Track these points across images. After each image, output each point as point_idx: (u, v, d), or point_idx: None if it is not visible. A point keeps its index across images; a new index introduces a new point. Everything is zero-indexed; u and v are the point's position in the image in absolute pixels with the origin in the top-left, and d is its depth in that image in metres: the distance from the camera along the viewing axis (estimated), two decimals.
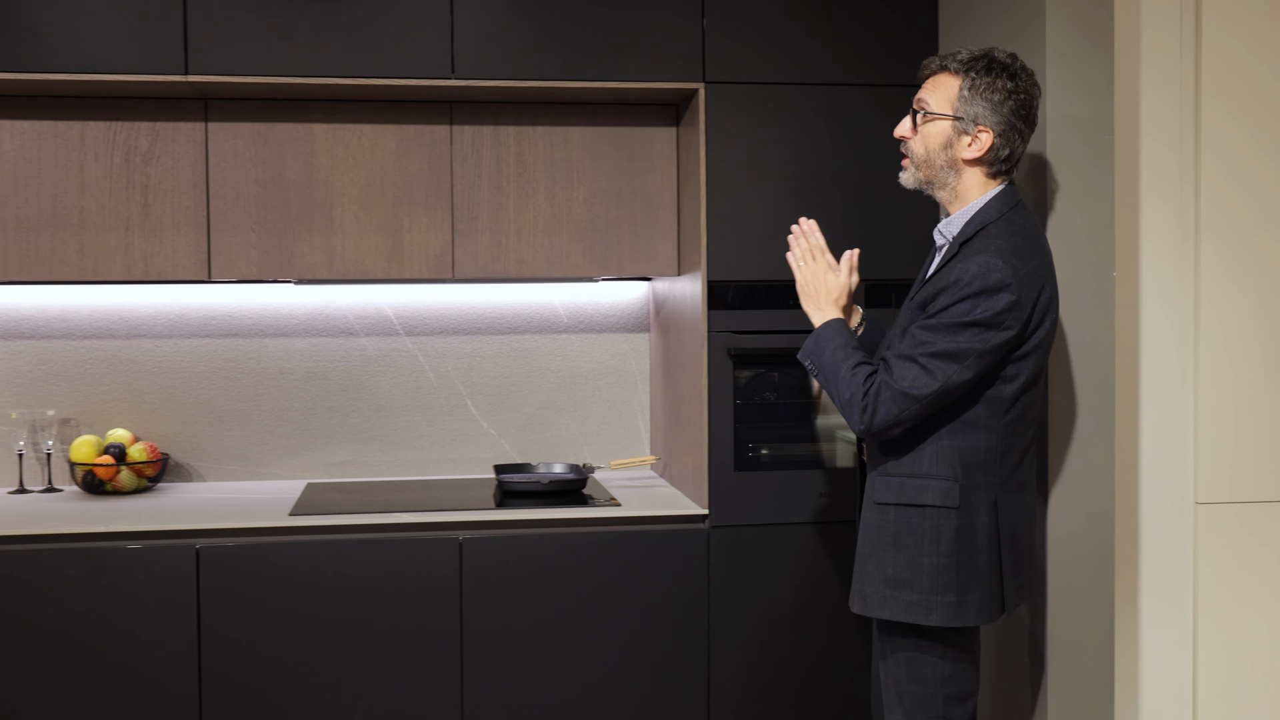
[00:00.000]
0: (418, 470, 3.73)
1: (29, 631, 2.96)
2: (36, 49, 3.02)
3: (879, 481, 2.46)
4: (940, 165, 2.46)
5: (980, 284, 2.30)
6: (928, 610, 2.39)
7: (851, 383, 2.39)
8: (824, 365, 2.46)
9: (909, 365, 2.34)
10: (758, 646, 3.22)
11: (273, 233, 3.30)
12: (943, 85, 2.45)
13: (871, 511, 2.47)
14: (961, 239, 2.42)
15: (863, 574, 2.48)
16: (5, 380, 3.56)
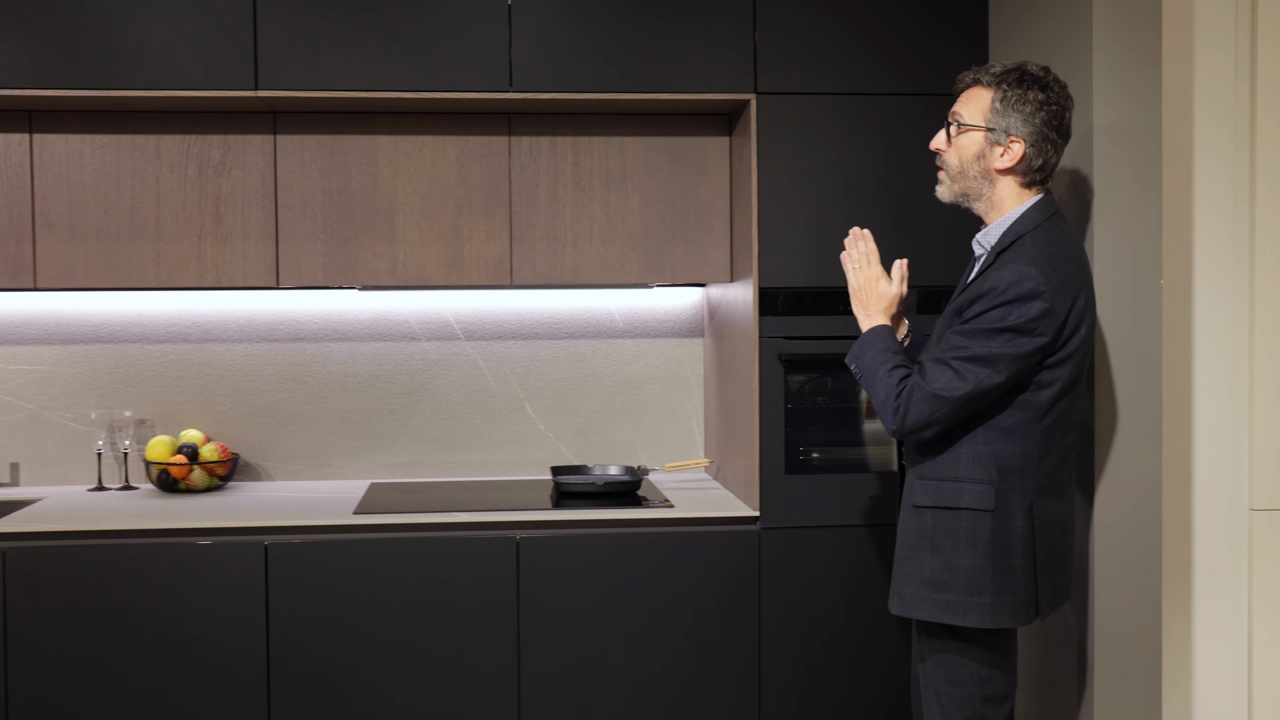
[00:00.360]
0: (477, 471, 3.83)
1: (106, 623, 3.09)
2: (116, 68, 3.15)
3: (916, 485, 2.52)
4: (974, 176, 2.52)
5: (1014, 292, 2.36)
6: (964, 612, 2.45)
7: (887, 384, 2.46)
8: (865, 367, 2.54)
9: (941, 368, 2.40)
10: (808, 646, 3.28)
11: (338, 241, 3.41)
12: (976, 98, 2.51)
13: (909, 514, 2.53)
14: (998, 249, 2.47)
15: (901, 575, 2.54)
16: (85, 382, 3.71)
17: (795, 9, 3.25)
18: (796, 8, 3.25)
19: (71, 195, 3.35)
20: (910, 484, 2.55)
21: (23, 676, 3.07)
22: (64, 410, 3.71)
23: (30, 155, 3.34)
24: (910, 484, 2.55)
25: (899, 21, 3.28)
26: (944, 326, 2.53)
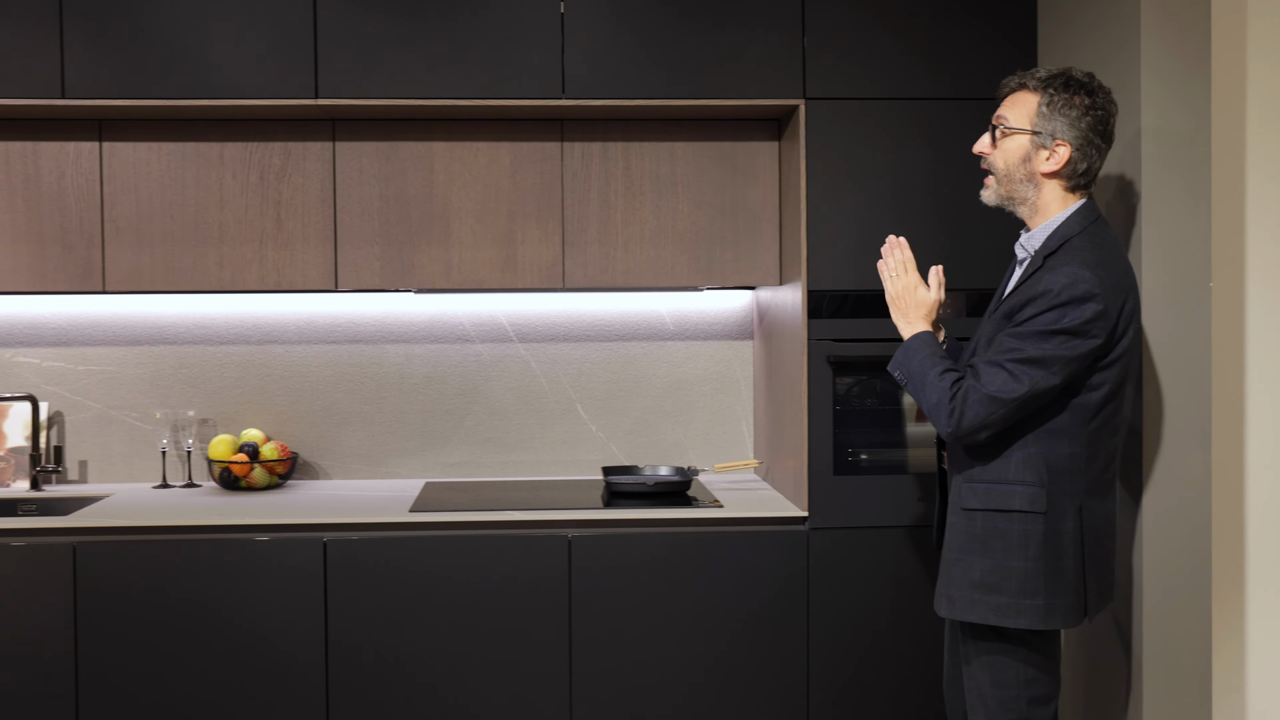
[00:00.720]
0: (530, 471, 3.90)
1: (171, 615, 3.18)
2: (183, 78, 3.25)
3: (965, 488, 2.55)
4: (1020, 179, 2.55)
5: (1068, 294, 2.39)
6: (1016, 613, 2.47)
7: (939, 387, 2.48)
8: (912, 373, 2.57)
9: (996, 370, 2.43)
10: (855, 645, 3.31)
11: (394, 245, 3.49)
12: (1022, 102, 2.54)
13: (958, 517, 2.56)
14: (1045, 252, 2.50)
15: (950, 578, 2.56)
16: (150, 383, 3.82)
17: (844, 15, 3.29)
18: (845, 14, 3.29)
19: (139, 201, 3.45)
20: (958, 487, 2.57)
21: (93, 665, 3.17)
22: (130, 410, 3.82)
23: (100, 163, 3.44)
24: (958, 487, 2.57)
25: (946, 27, 3.31)
26: (993, 330, 2.55)
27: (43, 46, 3.23)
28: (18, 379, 3.79)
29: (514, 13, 3.29)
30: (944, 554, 2.60)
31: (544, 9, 3.29)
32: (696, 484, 3.72)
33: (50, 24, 3.23)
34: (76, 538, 3.18)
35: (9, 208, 3.43)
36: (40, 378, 3.79)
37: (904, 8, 3.30)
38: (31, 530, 3.18)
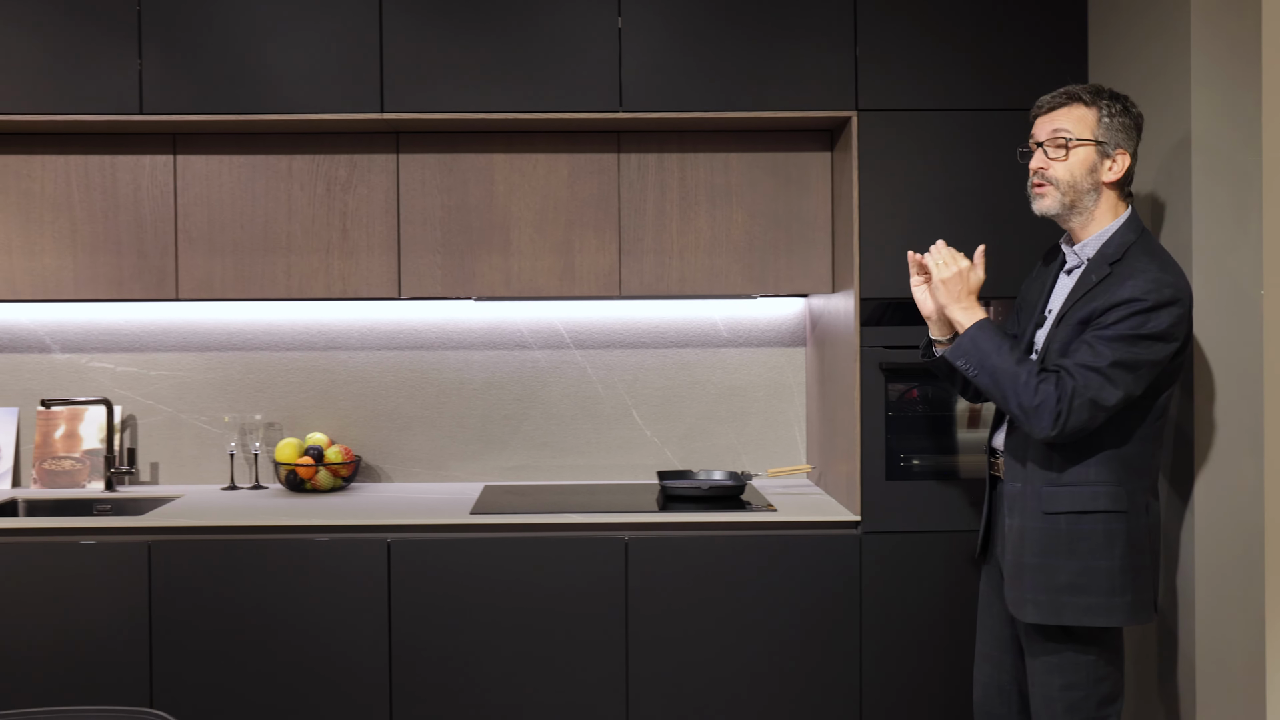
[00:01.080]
0: (586, 475, 3.98)
1: (240, 612, 3.29)
2: (254, 94, 3.37)
3: (1046, 492, 2.58)
4: (1085, 189, 2.62)
5: (1155, 298, 2.46)
6: (1107, 613, 2.54)
7: (1040, 390, 2.49)
8: (991, 368, 2.57)
9: (1093, 375, 2.47)
10: (908, 647, 3.36)
11: (456, 254, 3.59)
12: (1079, 115, 2.62)
13: (1038, 522, 2.58)
14: (1110, 259, 2.56)
15: (1032, 583, 2.59)
16: (218, 387, 3.94)
17: (895, 28, 3.35)
18: (896, 27, 3.35)
19: (211, 212, 3.58)
20: (1037, 492, 2.60)
21: (166, 660, 3.28)
22: (199, 414, 3.94)
23: (174, 175, 3.57)
24: (1037, 492, 2.60)
25: (995, 39, 3.36)
26: (1068, 335, 2.58)
27: (123, 66, 3.36)
28: (93, 383, 3.92)
29: (573, 28, 3.37)
30: (1019, 559, 2.62)
31: (602, 24, 3.37)
32: (750, 488, 3.78)
33: (130, 44, 3.35)
34: (151, 537, 3.29)
35: (88, 219, 3.56)
36: (115, 382, 3.93)
37: (954, 20, 3.35)
38: (109, 529, 3.30)
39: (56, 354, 3.92)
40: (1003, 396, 2.56)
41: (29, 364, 3.92)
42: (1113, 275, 2.54)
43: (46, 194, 3.57)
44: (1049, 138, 2.65)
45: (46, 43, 3.35)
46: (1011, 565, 2.65)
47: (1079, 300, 2.58)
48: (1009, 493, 2.67)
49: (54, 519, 3.40)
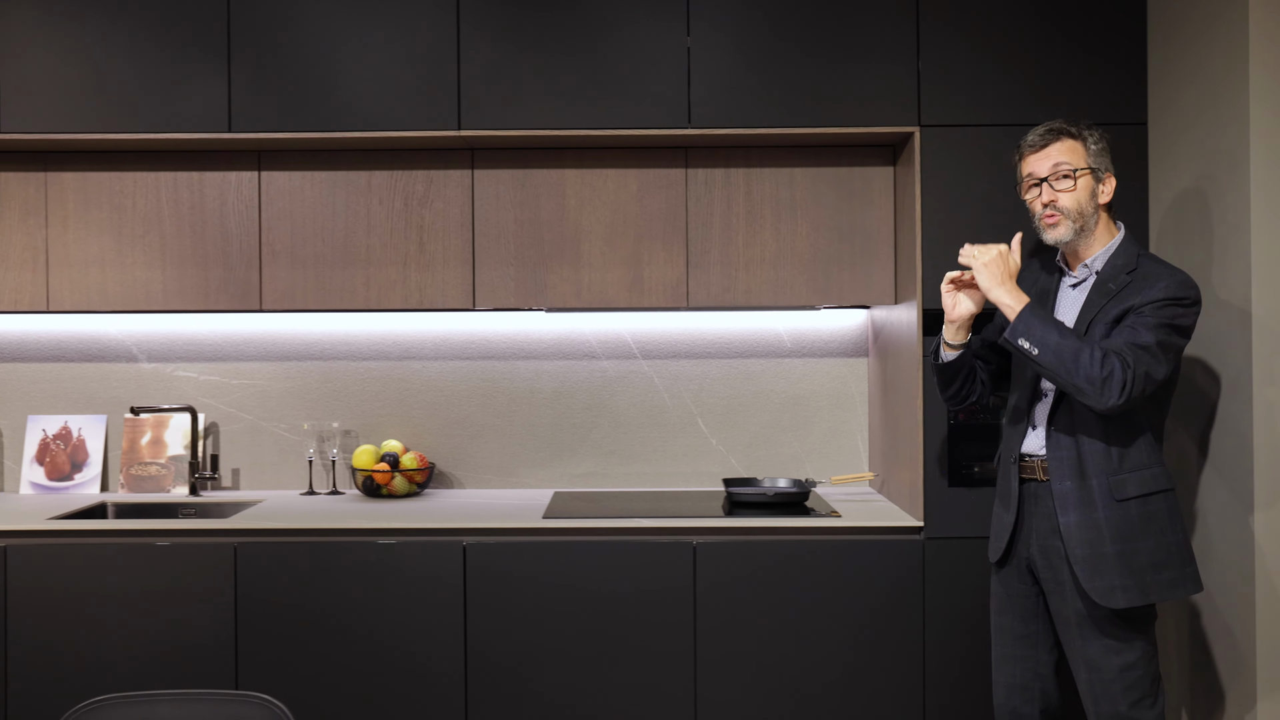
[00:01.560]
0: (652, 482, 4.08)
1: (321, 612, 3.41)
2: (335, 113, 3.51)
3: (1113, 481, 2.74)
4: (1089, 213, 2.84)
5: (1189, 296, 2.72)
6: (1183, 584, 2.76)
7: (1106, 363, 2.63)
8: (1054, 345, 2.68)
9: (1144, 353, 2.66)
10: (970, 650, 3.43)
11: (528, 266, 3.71)
12: (1070, 147, 2.84)
13: (1111, 510, 2.74)
14: (1125, 269, 2.78)
15: (1117, 569, 2.73)
16: (297, 396, 4.08)
17: (956, 46, 3.43)
18: (957, 44, 3.43)
19: (293, 226, 3.72)
20: (1103, 484, 2.74)
21: (251, 654, 3.41)
22: (279, 421, 4.08)
23: (258, 191, 3.72)
24: (1103, 484, 2.74)
25: (1056, 56, 3.43)
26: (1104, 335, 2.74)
27: (212, 87, 3.51)
28: (178, 392, 4.08)
29: (643, 47, 3.49)
30: (1096, 550, 2.74)
31: (671, 43, 3.48)
32: (814, 495, 3.86)
33: (219, 67, 3.51)
34: (238, 539, 3.42)
35: (176, 233, 3.72)
36: (198, 391, 4.08)
37: (1014, 37, 3.43)
38: (198, 531, 3.44)
39: (143, 363, 4.08)
40: (1068, 370, 2.66)
41: (117, 373, 4.08)
42: (1135, 281, 2.75)
43: (138, 209, 3.73)
44: (1051, 172, 2.84)
45: (142, 67, 3.51)
46: (1087, 558, 2.75)
47: (1106, 305, 2.76)
48: (1059, 491, 2.79)
49: (147, 521, 3.54)
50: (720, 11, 3.48)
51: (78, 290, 3.73)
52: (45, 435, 4.05)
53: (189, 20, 3.51)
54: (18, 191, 3.72)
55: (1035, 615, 2.93)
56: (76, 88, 3.51)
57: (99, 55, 3.52)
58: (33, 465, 4.03)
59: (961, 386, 3.06)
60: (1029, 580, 2.93)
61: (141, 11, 3.51)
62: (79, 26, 3.51)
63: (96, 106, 3.51)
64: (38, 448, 4.04)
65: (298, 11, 3.51)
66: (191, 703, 2.05)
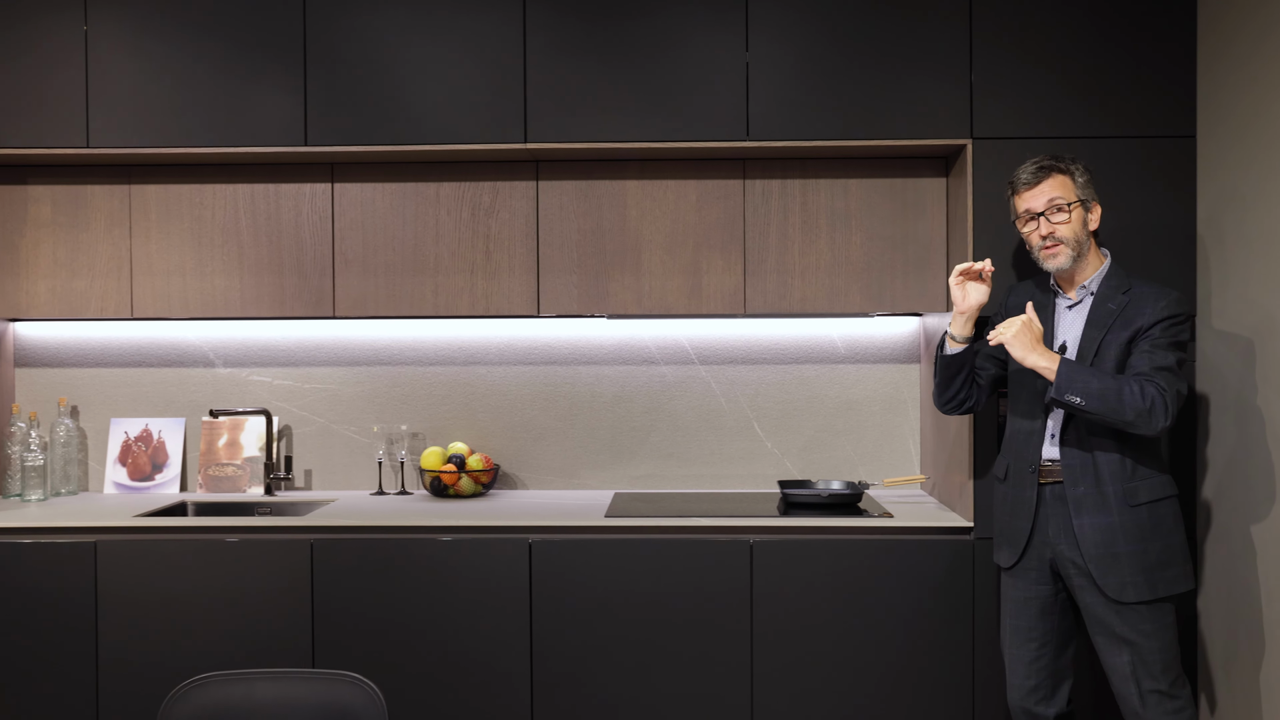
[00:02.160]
0: (709, 484, 4.20)
1: (393, 605, 3.55)
2: (406, 126, 3.66)
3: (1127, 488, 2.94)
4: (1083, 240, 3.07)
5: (1184, 313, 2.99)
6: (1185, 579, 3.00)
7: (1145, 395, 2.87)
8: (1097, 391, 2.89)
9: (1170, 375, 2.91)
10: None
11: (590, 274, 3.84)
12: (1061, 182, 3.07)
13: (1124, 515, 2.94)
14: (1120, 288, 3.05)
15: (1130, 567, 2.94)
16: (367, 399, 4.23)
17: (1008, 60, 3.53)
18: (1009, 59, 3.53)
19: (365, 235, 3.87)
20: (1118, 490, 2.95)
21: (327, 643, 3.56)
22: (350, 424, 4.24)
23: (332, 202, 3.87)
24: (1118, 490, 2.95)
25: (1106, 70, 3.52)
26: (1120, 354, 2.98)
27: (289, 102, 3.67)
28: (253, 396, 4.24)
29: (703, 63, 3.61)
30: (1109, 551, 2.95)
31: (730, 59, 3.60)
32: (867, 497, 3.96)
33: (296, 83, 3.67)
34: (315, 535, 3.58)
35: (253, 242, 3.88)
36: (272, 395, 4.24)
37: (1065, 52, 3.52)
38: (277, 528, 3.60)
39: (220, 368, 4.25)
40: (1115, 409, 2.86)
41: (195, 378, 4.26)
42: (1133, 300, 3.00)
43: (216, 220, 3.90)
44: (1047, 206, 3.04)
45: (222, 83, 3.68)
46: (1101, 558, 2.96)
47: (1113, 324, 3.00)
48: (1073, 496, 3.00)
49: (227, 518, 3.71)
50: (778, 28, 3.60)
51: (160, 298, 3.90)
52: (127, 437, 4.22)
53: (267, 39, 3.68)
54: (103, 204, 3.90)
55: (1050, 614, 3.12)
56: (160, 104, 3.69)
57: (181, 72, 3.68)
58: (116, 466, 4.21)
59: (961, 388, 3.25)
60: (1048, 580, 3.10)
61: (222, 30, 3.68)
62: (164, 45, 3.68)
63: (179, 122, 3.68)
64: (120, 449, 4.22)
65: (370, 30, 3.67)
66: (287, 681, 2.19)
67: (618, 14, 3.63)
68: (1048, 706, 3.14)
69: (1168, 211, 3.50)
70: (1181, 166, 3.51)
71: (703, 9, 3.61)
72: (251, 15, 3.67)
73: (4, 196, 3.89)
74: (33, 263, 3.90)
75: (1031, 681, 3.14)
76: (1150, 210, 3.49)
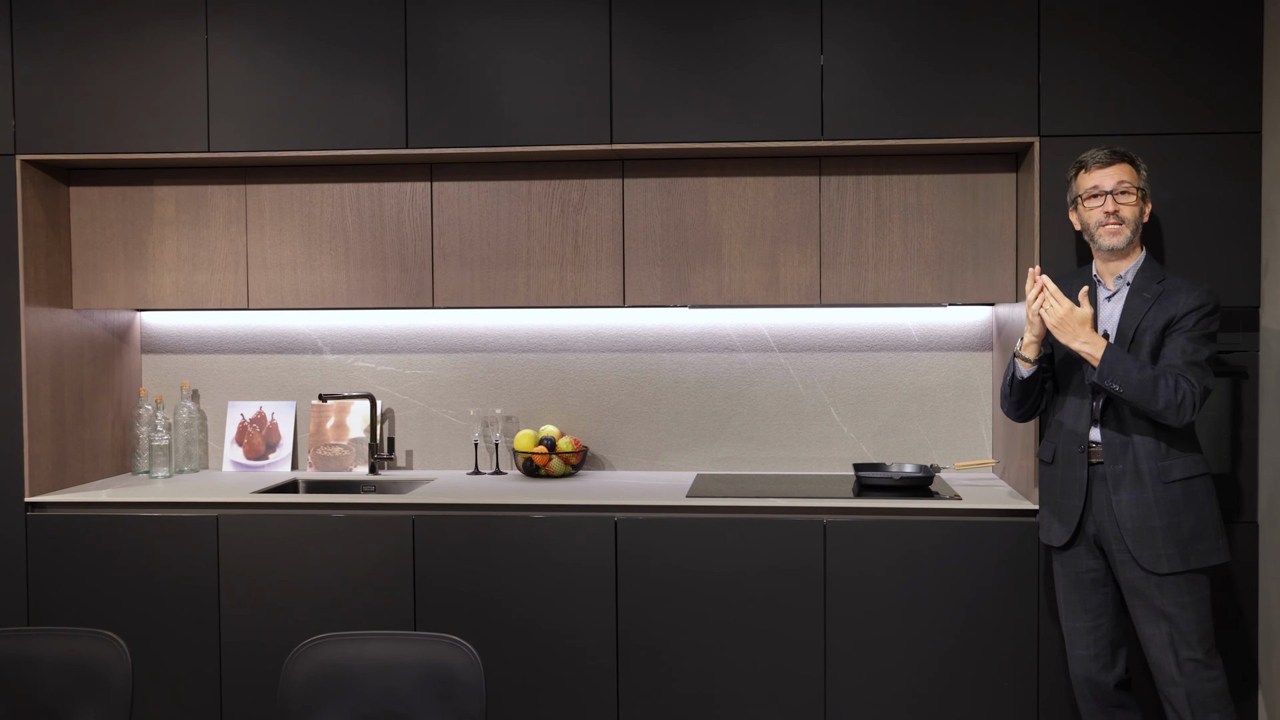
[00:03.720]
0: (787, 466, 4.39)
1: (488, 577, 3.81)
2: (500, 129, 3.90)
3: (1161, 466, 3.13)
4: (1138, 227, 3.29)
5: (1214, 303, 3.19)
6: (1218, 552, 3.18)
7: (1180, 388, 3.07)
8: (1136, 381, 3.07)
9: (1199, 369, 3.12)
10: None
11: (673, 267, 4.04)
12: (1129, 170, 3.29)
13: (1159, 491, 3.14)
14: (1155, 279, 3.25)
15: (1164, 540, 3.13)
16: (464, 385, 4.49)
17: (1075, 58, 3.66)
18: (1076, 57, 3.66)
19: (462, 231, 4.12)
20: (1154, 467, 3.15)
21: (427, 611, 3.83)
22: (447, 408, 4.50)
23: (431, 199, 4.13)
24: (1154, 467, 3.15)
25: (1171, 68, 3.63)
26: (1155, 342, 3.16)
27: (391, 107, 3.93)
28: (358, 381, 4.53)
29: (780, 66, 3.79)
30: (1146, 525, 3.15)
31: (806, 62, 3.78)
32: (938, 480, 4.12)
33: (398, 90, 3.92)
34: (416, 512, 3.85)
35: (359, 238, 4.16)
36: (376, 380, 4.52)
37: (1131, 49, 3.64)
38: (382, 505, 3.88)
39: (327, 355, 4.54)
40: (1148, 400, 3.07)
41: (304, 364, 4.55)
42: (1166, 291, 3.20)
43: (325, 217, 4.17)
44: (1115, 187, 3.22)
45: (330, 88, 3.95)
46: (1137, 531, 3.16)
47: (1147, 313, 3.19)
48: (1111, 474, 3.20)
49: (338, 495, 3.99)
50: (851, 32, 3.77)
51: (273, 290, 4.19)
52: (243, 419, 4.54)
53: (371, 47, 3.93)
54: (222, 203, 4.20)
55: (1103, 586, 3.31)
56: (274, 109, 3.96)
57: (294, 79, 3.96)
58: (233, 445, 4.53)
59: (1036, 400, 3.42)
60: (1097, 555, 3.29)
61: (330, 39, 3.94)
62: (277, 53, 3.95)
63: (291, 126, 3.96)
64: (237, 430, 4.54)
65: (467, 37, 3.91)
66: (396, 642, 2.45)
67: (698, 21, 3.82)
68: (1109, 674, 3.32)
69: (1233, 206, 3.61)
70: (1249, 161, 3.61)
71: (779, 15, 3.79)
72: (357, 25, 3.93)
73: (133, 197, 4.21)
74: (158, 258, 4.22)
75: (1092, 651, 3.32)
76: (1215, 205, 3.60)
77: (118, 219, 4.22)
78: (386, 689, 2.40)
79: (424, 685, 2.39)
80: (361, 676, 2.41)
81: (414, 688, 2.40)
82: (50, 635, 2.52)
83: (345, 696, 2.41)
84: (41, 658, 2.48)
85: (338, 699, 2.40)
